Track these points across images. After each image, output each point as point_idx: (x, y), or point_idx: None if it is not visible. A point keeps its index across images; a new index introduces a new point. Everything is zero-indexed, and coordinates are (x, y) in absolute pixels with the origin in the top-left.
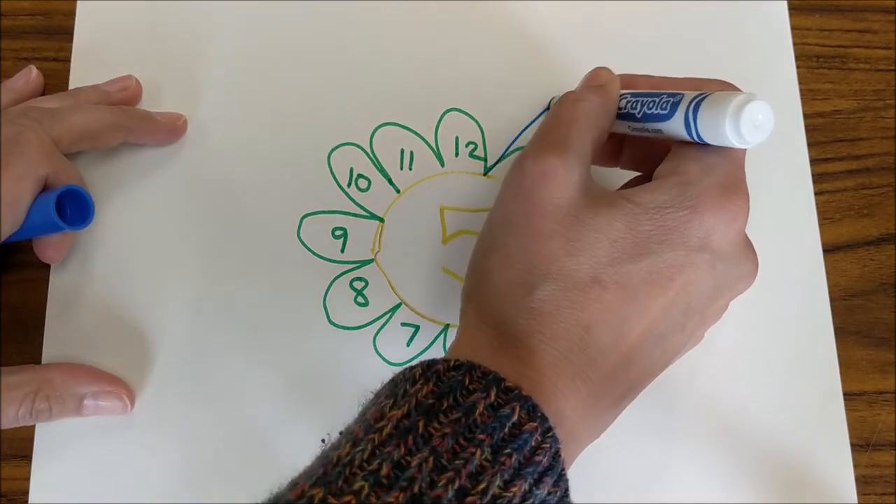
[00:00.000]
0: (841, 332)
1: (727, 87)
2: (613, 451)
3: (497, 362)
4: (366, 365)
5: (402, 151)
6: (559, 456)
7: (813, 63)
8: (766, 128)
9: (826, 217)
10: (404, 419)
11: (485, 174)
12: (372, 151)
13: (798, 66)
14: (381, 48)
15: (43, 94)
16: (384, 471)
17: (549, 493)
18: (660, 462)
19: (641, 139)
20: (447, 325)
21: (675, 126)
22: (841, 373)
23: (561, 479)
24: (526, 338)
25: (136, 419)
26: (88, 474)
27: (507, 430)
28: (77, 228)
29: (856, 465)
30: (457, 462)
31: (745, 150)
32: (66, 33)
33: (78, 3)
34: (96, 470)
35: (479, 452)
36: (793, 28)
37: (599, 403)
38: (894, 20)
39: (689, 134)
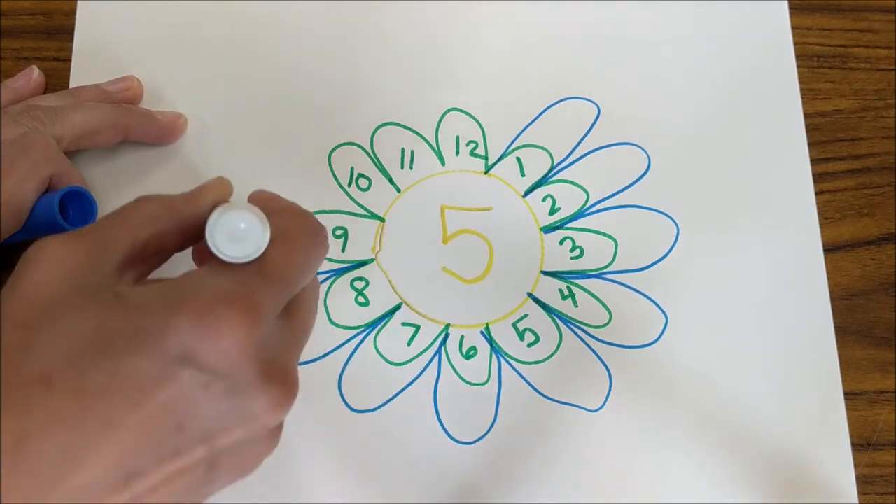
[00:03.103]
0: (841, 331)
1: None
2: (613, 451)
3: None
4: (366, 365)
5: (403, 151)
6: None
7: (813, 62)
8: (251, 238)
9: (826, 217)
10: None
11: (485, 173)
12: (373, 151)
13: (799, 66)
14: (382, 48)
15: (44, 94)
16: None
17: None
18: (659, 462)
19: None
20: (448, 325)
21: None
22: (841, 372)
23: None
24: None
25: None
26: None
27: None
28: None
29: (856, 465)
30: None
31: (293, 265)
32: (67, 33)
33: (78, 2)
34: None
35: None
36: (793, 27)
37: None
38: (895, 20)
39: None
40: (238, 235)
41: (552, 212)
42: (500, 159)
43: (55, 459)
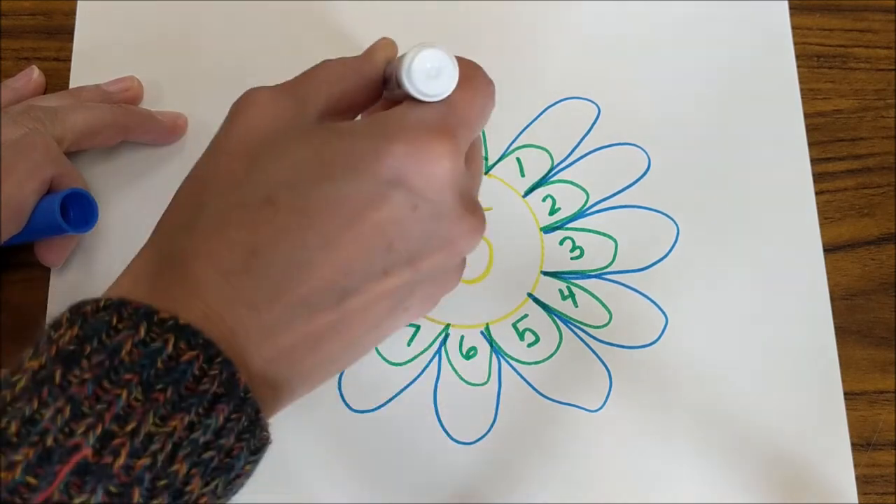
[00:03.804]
0: (841, 331)
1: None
2: (612, 450)
3: (157, 291)
4: (365, 365)
5: None
6: (236, 380)
7: (813, 62)
8: (445, 75)
9: (826, 217)
10: (41, 370)
11: (485, 173)
12: None
13: (799, 66)
14: None
15: (44, 94)
16: (13, 428)
17: (229, 420)
18: (659, 462)
19: None
20: (448, 325)
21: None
22: (841, 372)
23: (245, 403)
24: (186, 259)
25: None
26: None
27: (159, 364)
28: (80, 232)
29: (856, 465)
30: (98, 407)
31: (476, 108)
32: (67, 33)
33: (78, 3)
34: None
35: (125, 393)
36: (793, 27)
37: (280, 340)
38: (895, 20)
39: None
40: (433, 73)
41: (552, 212)
42: (500, 159)
43: (280, 273)
